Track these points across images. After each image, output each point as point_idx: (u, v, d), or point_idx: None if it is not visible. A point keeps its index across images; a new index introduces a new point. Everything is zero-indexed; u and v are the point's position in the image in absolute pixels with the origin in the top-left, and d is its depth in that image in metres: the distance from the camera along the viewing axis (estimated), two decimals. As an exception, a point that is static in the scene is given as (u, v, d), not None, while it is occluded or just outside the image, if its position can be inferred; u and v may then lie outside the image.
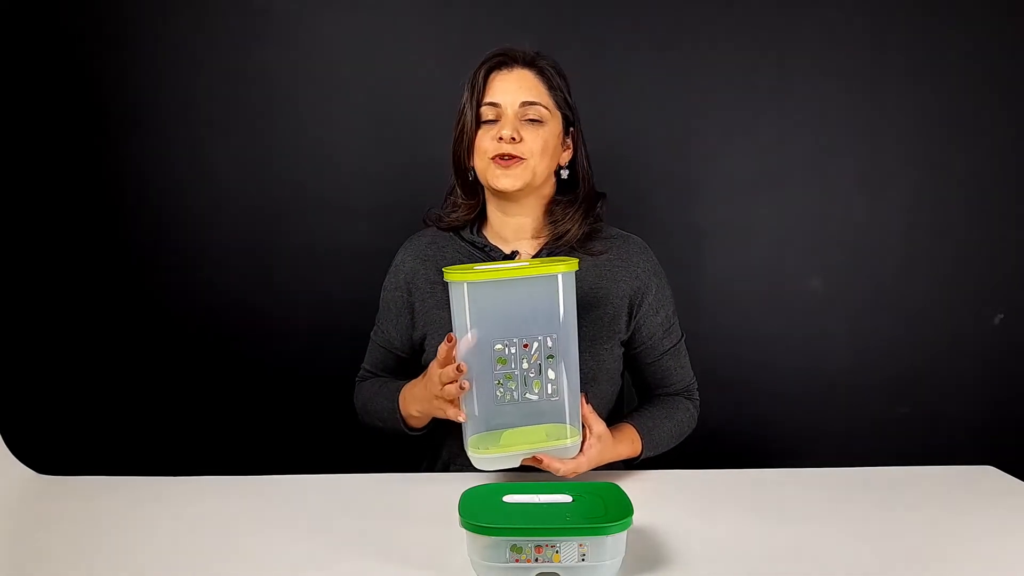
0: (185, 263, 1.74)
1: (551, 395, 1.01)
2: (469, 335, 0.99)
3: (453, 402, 1.04)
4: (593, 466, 1.08)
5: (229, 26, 1.69)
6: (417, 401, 1.14)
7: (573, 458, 1.05)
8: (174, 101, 1.70)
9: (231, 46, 1.70)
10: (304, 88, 1.71)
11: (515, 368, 1.00)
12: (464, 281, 0.99)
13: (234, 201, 1.73)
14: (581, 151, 1.27)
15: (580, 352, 1.04)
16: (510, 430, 1.01)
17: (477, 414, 1.01)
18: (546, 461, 1.03)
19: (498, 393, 1.00)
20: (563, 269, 1.00)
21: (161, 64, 1.69)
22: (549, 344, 1.00)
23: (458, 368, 1.00)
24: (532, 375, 1.00)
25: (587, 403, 1.07)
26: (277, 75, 1.70)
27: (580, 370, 1.04)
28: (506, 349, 0.99)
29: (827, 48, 1.73)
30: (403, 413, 1.19)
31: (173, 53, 1.69)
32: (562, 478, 1.05)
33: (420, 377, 1.15)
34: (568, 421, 1.03)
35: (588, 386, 1.14)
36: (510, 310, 0.99)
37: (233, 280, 1.74)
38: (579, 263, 1.03)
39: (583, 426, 1.06)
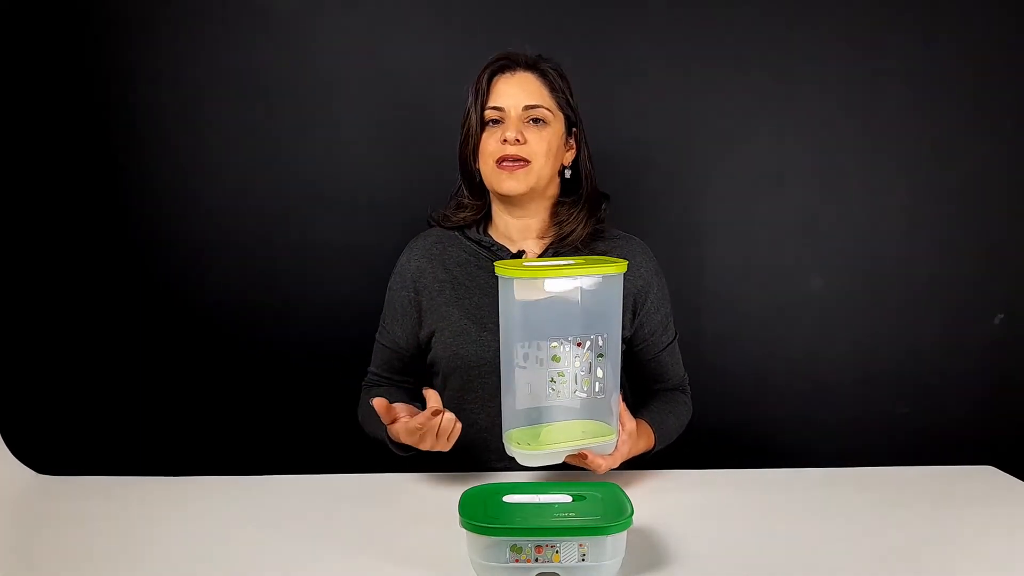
0: (186, 263, 1.73)
1: (598, 393, 1.01)
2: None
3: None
4: (623, 461, 1.09)
5: (233, 24, 1.68)
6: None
7: (610, 454, 1.05)
8: (178, 99, 1.69)
9: (235, 44, 1.69)
10: (308, 86, 1.70)
11: (568, 366, 0.98)
12: (514, 278, 0.96)
13: (237, 200, 1.73)
14: (584, 151, 1.28)
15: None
16: (548, 425, 1.01)
17: (520, 409, 1.00)
18: (590, 457, 1.03)
19: (551, 391, 0.99)
20: (615, 270, 0.98)
21: (165, 62, 1.68)
22: (600, 343, 0.99)
23: (434, 413, 1.01)
24: (583, 374, 0.99)
25: (623, 401, 1.07)
26: (281, 74, 1.69)
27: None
28: (561, 347, 0.98)
29: (827, 49, 1.72)
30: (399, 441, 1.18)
31: (177, 50, 1.68)
32: (564, 478, 1.05)
33: (401, 426, 1.07)
34: (610, 418, 1.03)
35: None
36: (564, 308, 0.98)
37: (234, 280, 1.74)
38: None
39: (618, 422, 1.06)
